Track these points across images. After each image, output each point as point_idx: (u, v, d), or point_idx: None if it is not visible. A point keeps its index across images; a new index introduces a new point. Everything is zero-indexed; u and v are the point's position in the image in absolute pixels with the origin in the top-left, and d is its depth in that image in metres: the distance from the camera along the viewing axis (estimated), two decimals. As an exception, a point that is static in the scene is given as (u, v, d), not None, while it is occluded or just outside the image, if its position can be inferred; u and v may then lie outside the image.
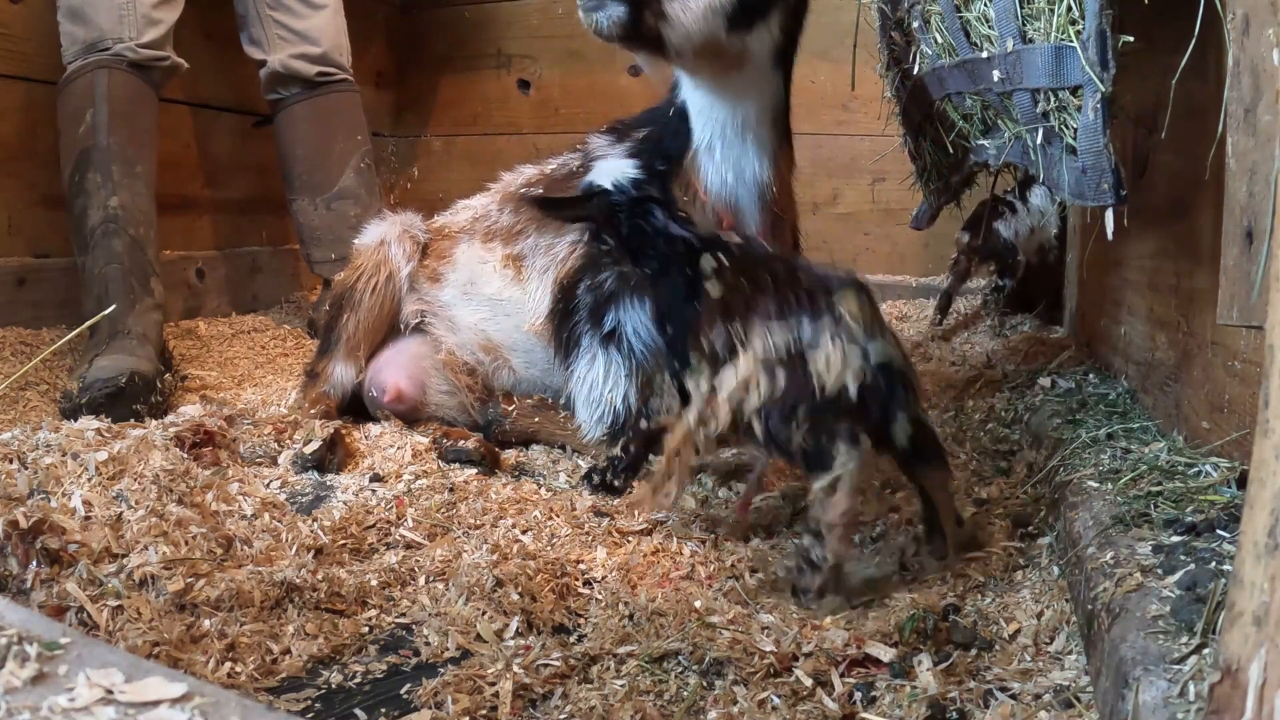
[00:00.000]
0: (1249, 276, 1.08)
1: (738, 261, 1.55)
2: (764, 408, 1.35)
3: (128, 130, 2.65)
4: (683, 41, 1.79)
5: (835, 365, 1.31)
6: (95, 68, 2.63)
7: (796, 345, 1.34)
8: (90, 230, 2.52)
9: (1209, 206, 1.42)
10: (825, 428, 1.32)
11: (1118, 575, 1.10)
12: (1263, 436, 0.72)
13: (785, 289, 1.39)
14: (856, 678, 1.18)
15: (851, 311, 1.33)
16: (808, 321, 1.34)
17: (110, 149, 2.60)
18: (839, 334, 1.32)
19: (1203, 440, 1.47)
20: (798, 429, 1.33)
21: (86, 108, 2.61)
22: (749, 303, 1.43)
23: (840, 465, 1.30)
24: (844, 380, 1.31)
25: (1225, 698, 0.70)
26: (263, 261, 3.67)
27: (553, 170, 2.34)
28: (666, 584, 1.47)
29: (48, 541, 1.30)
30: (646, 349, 2.05)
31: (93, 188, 2.55)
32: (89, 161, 2.58)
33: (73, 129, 2.63)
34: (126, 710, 0.63)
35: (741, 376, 1.37)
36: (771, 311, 1.37)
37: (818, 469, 1.32)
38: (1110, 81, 1.26)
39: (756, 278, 1.46)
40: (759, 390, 1.36)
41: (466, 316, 2.32)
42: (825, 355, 1.32)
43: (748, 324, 1.40)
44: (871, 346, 1.32)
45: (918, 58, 1.87)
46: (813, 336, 1.33)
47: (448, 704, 1.12)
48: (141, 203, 2.63)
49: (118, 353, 2.26)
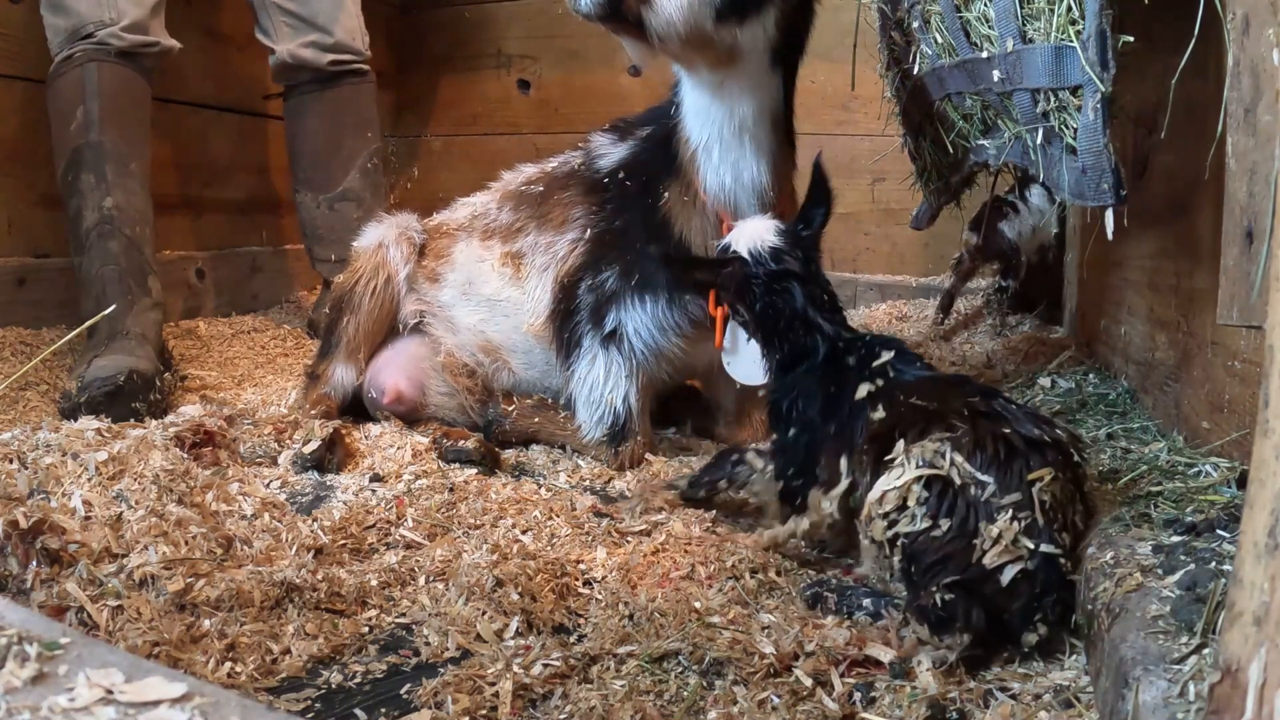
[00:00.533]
0: (1249, 276, 1.08)
1: (910, 386, 1.40)
2: (916, 541, 1.22)
3: (120, 125, 2.60)
4: (665, 27, 1.77)
5: (1004, 543, 1.18)
6: (84, 60, 2.58)
7: (979, 490, 1.20)
8: (86, 231, 2.50)
9: (1209, 206, 1.42)
10: (964, 604, 1.18)
11: (1118, 575, 1.10)
12: (1263, 436, 0.72)
13: (985, 433, 1.23)
14: (856, 678, 1.18)
15: (1045, 499, 1.20)
16: (994, 485, 1.20)
17: (103, 147, 2.55)
18: (1021, 514, 1.18)
19: (1203, 440, 1.47)
20: (938, 587, 1.19)
21: (76, 104, 2.57)
22: (923, 427, 1.27)
23: (953, 647, 1.18)
24: (1004, 562, 1.18)
25: (1225, 698, 0.70)
26: (263, 261, 3.68)
27: (554, 169, 2.33)
28: (666, 584, 1.47)
29: (48, 541, 1.30)
30: (647, 349, 2.05)
31: (86, 188, 2.52)
32: (81, 161, 2.55)
33: (64, 126, 2.59)
34: (126, 710, 0.63)
35: (902, 482, 1.23)
36: (962, 445, 1.23)
37: (937, 631, 1.18)
38: (1110, 81, 1.26)
39: (944, 408, 1.29)
40: (914, 516, 1.22)
41: (465, 317, 2.32)
42: (1001, 530, 1.18)
43: (917, 440, 1.26)
44: (1049, 545, 1.18)
45: (918, 58, 1.87)
46: (996, 497, 1.20)
47: (448, 704, 1.12)
48: (137, 201, 2.60)
49: (116, 353, 2.26)
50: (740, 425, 2.25)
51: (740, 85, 1.90)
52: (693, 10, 1.75)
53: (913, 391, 1.37)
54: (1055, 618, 1.19)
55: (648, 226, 2.05)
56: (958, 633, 1.17)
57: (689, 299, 2.02)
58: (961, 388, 1.37)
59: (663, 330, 2.04)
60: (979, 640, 1.18)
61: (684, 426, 2.37)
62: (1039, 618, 1.19)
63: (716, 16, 1.77)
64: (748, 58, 1.86)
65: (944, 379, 1.47)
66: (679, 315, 2.03)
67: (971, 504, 1.20)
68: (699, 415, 2.36)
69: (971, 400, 1.29)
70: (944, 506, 1.21)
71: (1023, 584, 1.18)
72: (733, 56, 1.85)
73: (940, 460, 1.22)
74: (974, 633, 1.17)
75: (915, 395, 1.36)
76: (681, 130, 2.00)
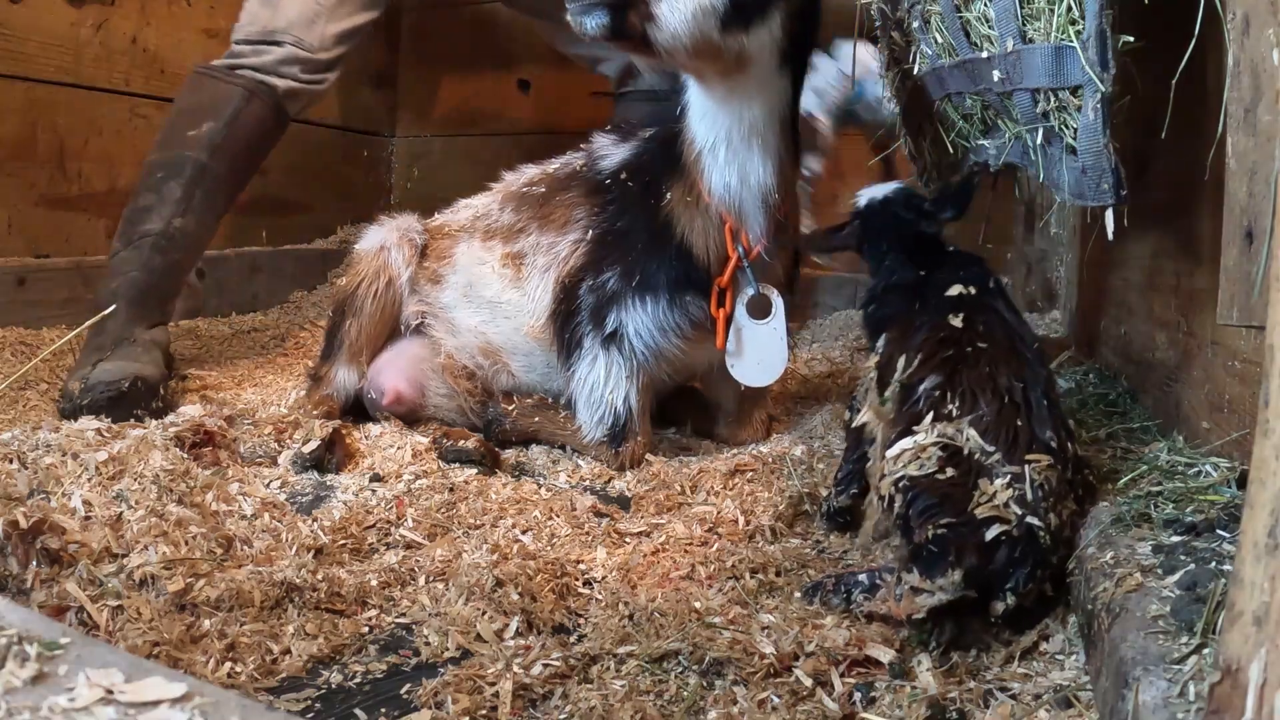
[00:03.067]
0: (1249, 276, 1.08)
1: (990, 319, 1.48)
2: (918, 483, 1.31)
3: (234, 162, 2.56)
4: (670, 41, 1.76)
5: (998, 502, 1.25)
6: (243, 85, 2.55)
7: (984, 457, 1.30)
8: (143, 233, 2.44)
9: (1209, 206, 1.42)
10: (955, 543, 1.24)
11: (1118, 575, 1.10)
12: (1263, 436, 0.72)
13: (1006, 421, 1.32)
14: (856, 678, 1.18)
15: (1038, 479, 1.27)
16: (1003, 451, 1.30)
17: (207, 171, 2.50)
18: (1016, 484, 1.27)
19: (1203, 440, 1.47)
20: (933, 525, 1.26)
21: (208, 118, 2.52)
22: (975, 382, 1.37)
23: (941, 587, 1.22)
24: (992, 519, 1.24)
25: (1225, 698, 0.70)
26: (263, 261, 3.68)
27: (555, 170, 2.34)
28: (666, 584, 1.47)
29: (48, 541, 1.30)
30: (648, 350, 2.05)
31: (168, 197, 2.46)
32: (181, 170, 2.48)
33: (185, 124, 2.53)
34: (126, 710, 0.64)
35: (919, 444, 1.32)
36: (980, 424, 1.32)
37: (925, 571, 1.24)
38: (1110, 81, 1.26)
39: (995, 356, 1.40)
40: (924, 464, 1.31)
41: (466, 319, 2.32)
42: (997, 489, 1.26)
43: (960, 393, 1.35)
44: (1035, 517, 1.25)
45: (918, 58, 1.87)
46: (999, 465, 1.29)
47: (448, 704, 1.12)
48: (204, 233, 2.56)
49: (122, 359, 2.24)
50: (741, 425, 2.25)
51: (749, 89, 1.89)
52: (697, 22, 1.74)
53: (990, 327, 1.46)
54: (1025, 590, 1.24)
55: (649, 228, 2.05)
56: (949, 569, 1.21)
57: (689, 300, 2.03)
58: (1020, 353, 1.43)
59: (663, 331, 2.04)
60: (971, 581, 1.21)
61: (684, 427, 2.37)
62: (1010, 585, 1.23)
63: (722, 26, 1.76)
64: (756, 62, 1.85)
65: (1016, 332, 1.50)
66: (680, 316, 2.03)
67: (976, 465, 1.30)
68: (699, 415, 2.36)
69: (1017, 383, 1.37)
70: (951, 460, 1.30)
71: (1003, 547, 1.23)
72: (741, 63, 1.84)
73: (958, 437, 1.32)
74: (966, 572, 1.21)
75: (987, 336, 1.44)
76: (687, 132, 1.99)
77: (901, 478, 1.32)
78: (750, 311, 2.04)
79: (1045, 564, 1.25)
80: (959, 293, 1.52)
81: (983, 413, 1.33)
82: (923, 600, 1.22)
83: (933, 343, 1.45)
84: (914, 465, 1.31)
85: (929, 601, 1.22)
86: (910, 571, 1.24)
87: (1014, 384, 1.37)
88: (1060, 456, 1.32)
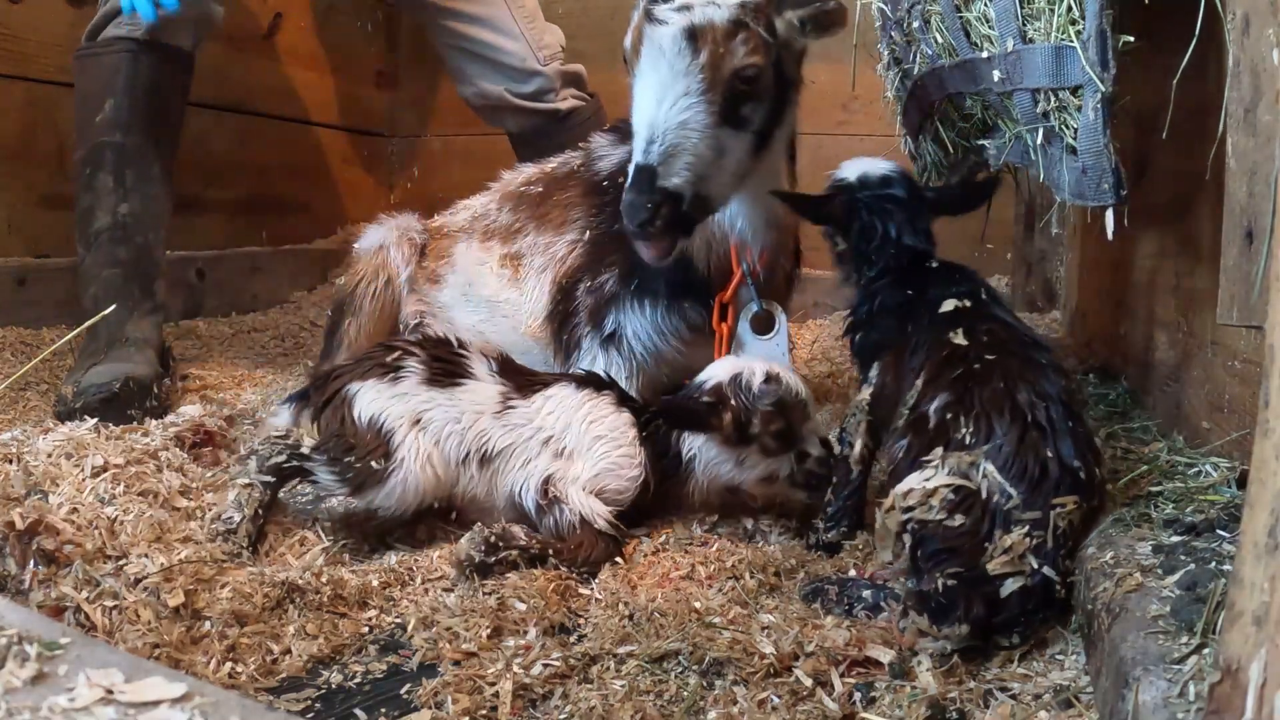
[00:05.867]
0: (1249, 276, 1.08)
1: (994, 327, 1.40)
2: (927, 527, 1.24)
3: (148, 127, 2.47)
4: (723, 201, 1.81)
5: (1012, 555, 1.19)
6: (120, 50, 2.41)
7: (1004, 500, 1.22)
8: (95, 233, 2.42)
9: (1209, 206, 1.42)
10: (965, 595, 1.19)
11: (1118, 575, 1.10)
12: (1263, 436, 0.72)
13: (1027, 450, 1.24)
14: (856, 678, 1.18)
15: (1061, 525, 1.21)
16: (1019, 500, 1.21)
17: (126, 149, 2.43)
18: (1036, 532, 1.20)
19: (1203, 440, 1.47)
20: (942, 574, 1.20)
21: (107, 96, 2.41)
22: (989, 401, 1.28)
23: (951, 637, 1.18)
24: (1006, 573, 1.19)
25: (1225, 698, 0.70)
26: (263, 261, 3.67)
27: (554, 169, 2.33)
28: (666, 584, 1.47)
29: (43, 542, 1.30)
30: (647, 352, 2.05)
31: (103, 190, 2.41)
32: (102, 159, 2.43)
33: (90, 112, 2.43)
34: (126, 710, 0.63)
35: (931, 485, 1.25)
36: (1000, 455, 1.23)
37: (933, 620, 1.19)
38: (1110, 81, 1.26)
39: (1008, 367, 1.32)
40: (935, 508, 1.23)
41: (465, 319, 2.31)
42: (1014, 542, 1.20)
43: (974, 416, 1.27)
44: (1051, 569, 1.20)
45: (918, 58, 1.87)
46: (1018, 511, 1.21)
47: (448, 704, 1.12)
48: (154, 206, 2.50)
49: (115, 361, 2.23)
50: (740, 425, 2.25)
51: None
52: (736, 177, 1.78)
53: (997, 338, 1.38)
54: (1031, 633, 1.21)
55: None
56: (956, 623, 1.18)
57: (688, 306, 2.02)
58: (1035, 362, 1.35)
59: (662, 334, 2.04)
60: (977, 632, 1.19)
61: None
62: (1019, 629, 1.20)
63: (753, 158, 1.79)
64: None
65: (1026, 339, 1.43)
66: (678, 320, 2.03)
67: (991, 510, 1.22)
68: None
69: (1038, 399, 1.28)
70: (963, 504, 1.23)
71: (1017, 598, 1.19)
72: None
73: (974, 473, 1.24)
74: (973, 625, 1.18)
75: (995, 348, 1.36)
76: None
77: (909, 520, 1.25)
78: (754, 327, 2.03)
79: (1055, 606, 1.22)
80: (954, 307, 1.46)
81: (1000, 441, 1.25)
82: (926, 644, 1.20)
83: (936, 362, 1.38)
84: (922, 510, 1.24)
85: (933, 646, 1.19)
86: (919, 614, 1.20)
87: (1034, 399, 1.28)
88: (1087, 489, 1.25)
